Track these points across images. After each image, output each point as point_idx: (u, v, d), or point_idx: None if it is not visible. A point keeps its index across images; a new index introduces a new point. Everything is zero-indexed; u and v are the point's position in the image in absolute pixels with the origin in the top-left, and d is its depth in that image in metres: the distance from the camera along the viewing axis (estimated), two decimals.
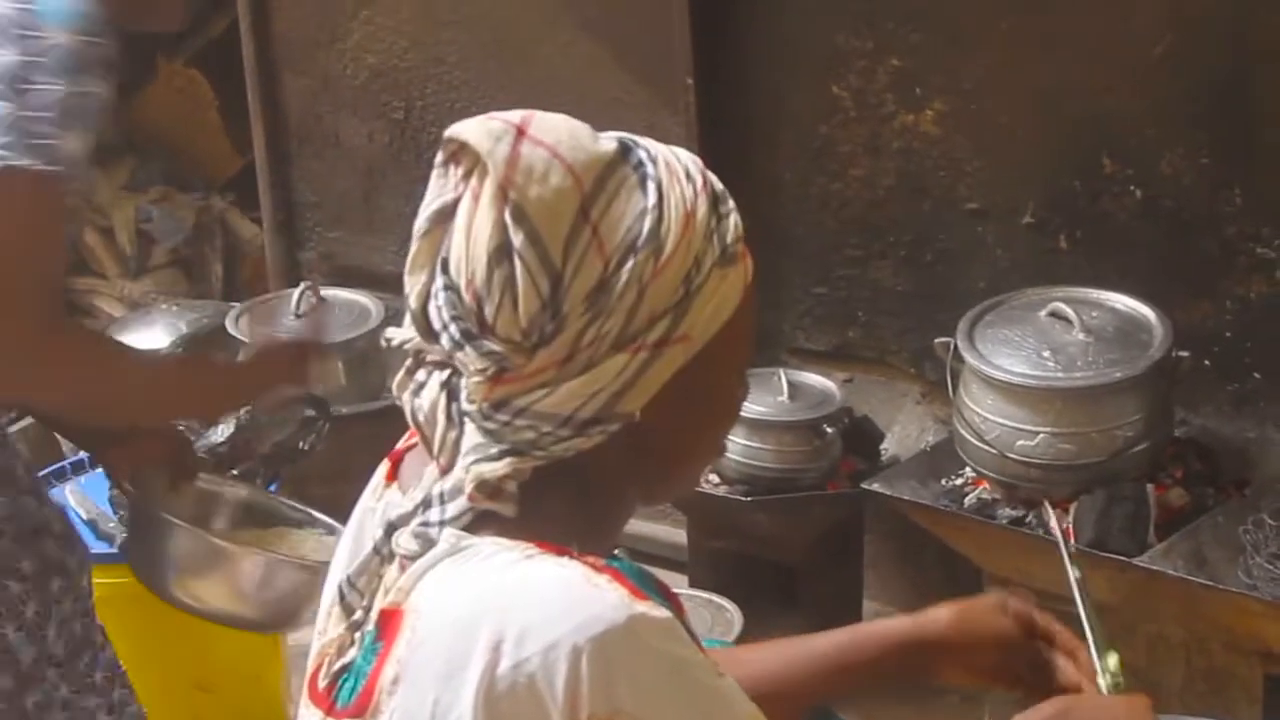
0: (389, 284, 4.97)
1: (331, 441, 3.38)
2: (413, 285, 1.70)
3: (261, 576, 2.86)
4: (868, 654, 2.15)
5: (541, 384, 1.65)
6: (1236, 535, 3.55)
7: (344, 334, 4.66)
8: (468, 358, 1.66)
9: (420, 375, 1.72)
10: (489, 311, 1.64)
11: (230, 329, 4.75)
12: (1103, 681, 2.10)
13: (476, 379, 1.66)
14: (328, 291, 4.78)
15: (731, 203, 1.73)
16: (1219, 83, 3.87)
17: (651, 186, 1.67)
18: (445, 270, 1.66)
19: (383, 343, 1.79)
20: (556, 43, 4.78)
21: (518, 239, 1.62)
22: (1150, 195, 4.01)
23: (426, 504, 1.71)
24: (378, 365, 4.71)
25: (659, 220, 1.66)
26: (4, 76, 2.50)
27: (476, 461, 1.67)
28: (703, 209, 1.69)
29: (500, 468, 1.66)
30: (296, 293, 4.69)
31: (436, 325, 1.68)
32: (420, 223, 1.69)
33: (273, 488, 3.40)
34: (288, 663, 3.71)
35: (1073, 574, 2.28)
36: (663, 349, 1.66)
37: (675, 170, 1.70)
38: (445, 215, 1.67)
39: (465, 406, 1.68)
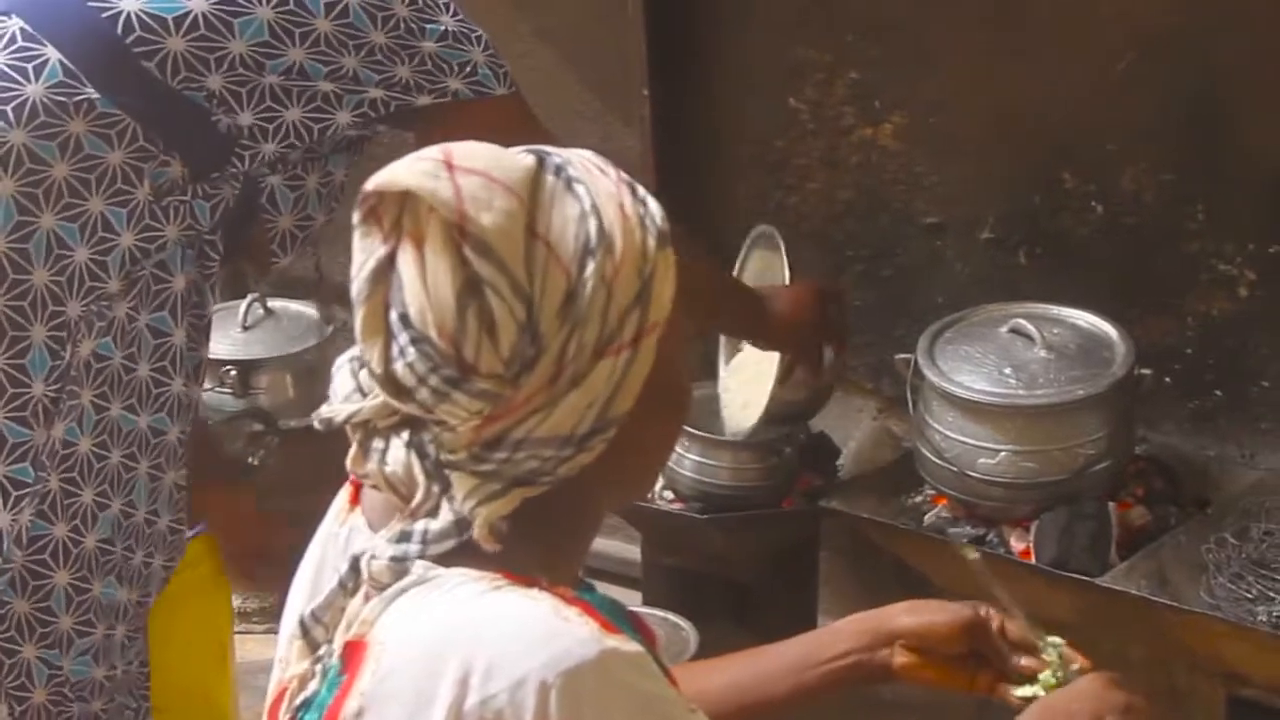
0: (340, 295, 4.90)
1: (281, 455, 3.34)
2: (370, 351, 1.64)
3: None
4: (830, 649, 2.16)
5: (534, 410, 1.61)
6: (1199, 554, 3.53)
7: (292, 347, 4.58)
8: (455, 406, 1.61)
9: (377, 444, 1.67)
10: (469, 352, 1.59)
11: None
12: (1048, 656, 2.18)
13: (469, 424, 1.61)
14: (275, 303, 4.71)
15: (642, 187, 1.71)
16: (1181, 99, 3.84)
17: (580, 189, 1.65)
18: (408, 325, 1.61)
19: (317, 425, 1.76)
20: (511, 53, 4.71)
21: (486, 270, 1.58)
22: (1111, 211, 3.99)
23: (405, 537, 1.66)
24: (327, 378, 4.64)
25: (600, 218, 1.63)
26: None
27: (481, 503, 1.63)
28: (627, 198, 1.67)
29: (508, 503, 1.63)
30: (244, 305, 4.62)
31: (410, 383, 1.62)
32: (359, 288, 1.63)
33: None
34: (235, 682, 3.67)
35: (970, 555, 2.36)
36: (639, 343, 1.64)
37: (590, 168, 1.68)
38: (383, 273, 1.63)
39: (446, 458, 1.64)
